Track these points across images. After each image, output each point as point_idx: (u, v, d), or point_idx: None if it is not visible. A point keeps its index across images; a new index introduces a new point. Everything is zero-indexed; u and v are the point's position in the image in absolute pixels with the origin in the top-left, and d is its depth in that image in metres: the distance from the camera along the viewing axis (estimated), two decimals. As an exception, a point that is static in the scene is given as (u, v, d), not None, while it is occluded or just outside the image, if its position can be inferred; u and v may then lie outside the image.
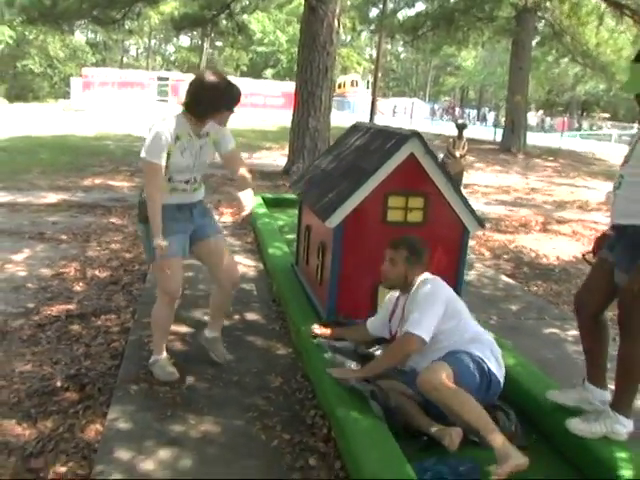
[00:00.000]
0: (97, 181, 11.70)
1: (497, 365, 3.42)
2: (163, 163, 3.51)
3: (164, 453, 3.08)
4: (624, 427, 3.11)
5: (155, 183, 3.50)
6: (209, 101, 3.54)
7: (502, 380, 3.43)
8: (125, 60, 66.32)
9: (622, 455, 2.95)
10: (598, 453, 3.01)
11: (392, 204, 4.16)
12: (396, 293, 3.76)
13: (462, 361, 3.28)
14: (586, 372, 3.39)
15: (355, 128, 5.50)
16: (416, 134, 4.10)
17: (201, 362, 4.07)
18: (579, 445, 3.11)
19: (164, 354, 3.92)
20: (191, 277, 5.90)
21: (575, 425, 3.16)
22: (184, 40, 68.30)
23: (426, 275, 3.60)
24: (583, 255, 3.57)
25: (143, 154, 3.49)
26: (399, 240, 3.65)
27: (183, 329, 4.64)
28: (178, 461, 3.03)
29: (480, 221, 4.31)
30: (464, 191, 14.54)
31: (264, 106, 41.35)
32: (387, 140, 4.34)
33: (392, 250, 3.61)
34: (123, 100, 36.57)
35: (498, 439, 2.90)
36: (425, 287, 3.47)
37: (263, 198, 9.13)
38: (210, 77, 3.57)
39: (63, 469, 2.98)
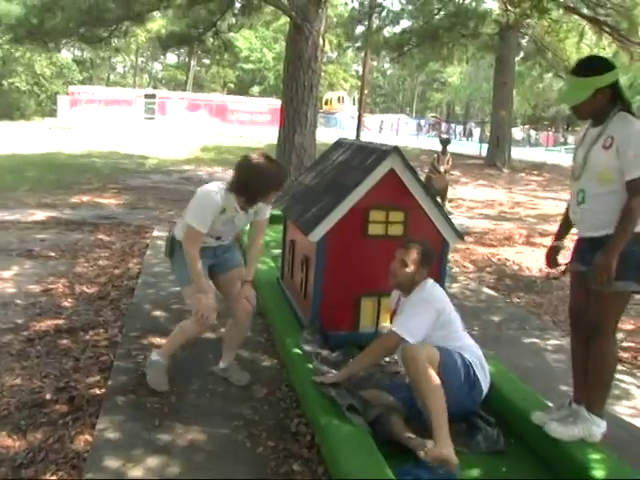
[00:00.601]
0: (84, 198, 11.79)
1: (483, 374, 3.56)
2: (206, 231, 3.73)
3: (152, 461, 3.17)
4: (599, 428, 3.21)
5: (196, 246, 3.74)
6: (260, 187, 3.71)
7: (485, 390, 3.57)
8: (112, 78, 66.52)
9: (596, 456, 3.06)
10: (574, 455, 3.13)
11: (373, 218, 4.28)
12: (397, 293, 3.90)
13: (451, 356, 3.43)
14: (574, 391, 3.45)
15: (338, 144, 5.63)
16: (396, 150, 4.23)
17: (188, 373, 4.16)
18: (555, 448, 3.22)
19: (167, 360, 3.98)
20: (178, 292, 5.99)
21: (554, 428, 3.23)
22: (171, 58, 68.65)
23: (429, 281, 3.70)
24: (547, 276, 3.69)
25: (191, 220, 3.69)
26: (411, 241, 3.76)
27: (170, 342, 4.72)
28: (166, 468, 3.12)
29: (459, 234, 4.44)
30: (449, 205, 14.75)
31: (251, 123, 41.58)
32: (368, 156, 4.47)
33: (404, 250, 3.69)
34: (110, 118, 36.65)
35: (443, 433, 3.06)
36: (423, 292, 3.61)
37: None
38: (260, 163, 3.72)
39: (53, 478, 3.06)
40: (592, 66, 3.19)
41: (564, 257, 3.67)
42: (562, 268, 3.65)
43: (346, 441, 3.01)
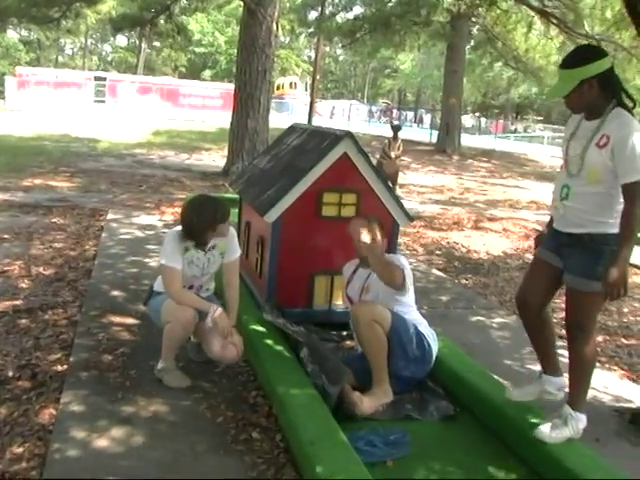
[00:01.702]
0: (37, 181, 11.68)
1: (435, 348, 3.90)
2: (180, 267, 3.80)
3: (117, 431, 3.30)
4: (582, 424, 3.23)
5: (177, 287, 3.80)
6: (200, 223, 3.79)
7: (432, 362, 3.90)
8: (60, 59, 65.11)
9: (534, 419, 3.31)
10: (515, 419, 3.38)
11: (327, 200, 4.45)
12: (353, 265, 4.19)
13: (405, 322, 3.75)
14: (540, 365, 3.50)
15: (292, 129, 5.78)
16: (349, 134, 4.40)
17: (148, 351, 4.28)
18: (499, 414, 3.46)
19: (171, 362, 3.96)
20: (136, 273, 6.12)
21: (546, 434, 3.16)
22: (121, 40, 67.55)
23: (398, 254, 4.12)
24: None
25: (163, 260, 3.79)
26: (366, 216, 4.01)
27: (129, 320, 4.86)
28: (131, 438, 3.25)
29: (409, 216, 4.64)
30: (399, 191, 14.94)
31: (203, 107, 41.26)
32: (322, 140, 4.63)
33: (367, 223, 3.86)
34: (60, 100, 35.95)
35: (383, 383, 3.62)
36: (394, 257, 3.97)
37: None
38: (193, 201, 3.89)
39: (20, 450, 3.14)
40: (577, 57, 3.09)
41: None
42: None
43: (302, 409, 3.19)
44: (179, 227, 3.89)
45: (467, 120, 45.77)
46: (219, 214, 3.82)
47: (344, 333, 4.52)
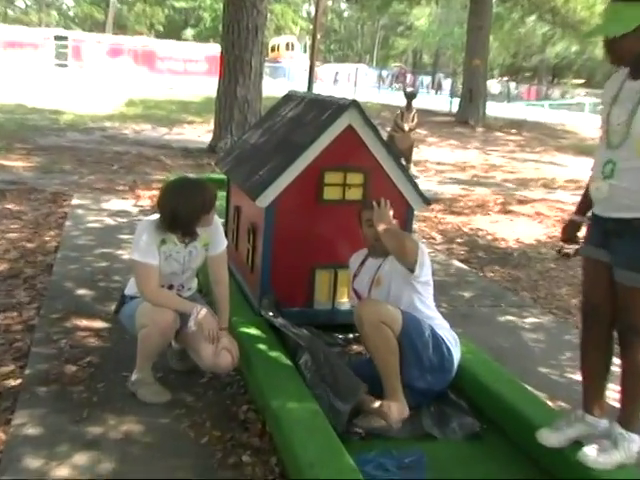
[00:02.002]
0: (-15, 161, 11.67)
1: (457, 346, 3.89)
2: (157, 263, 3.75)
3: (81, 457, 3.26)
4: (637, 446, 3.12)
5: (153, 286, 3.74)
6: (187, 212, 3.73)
7: (453, 370, 3.87)
8: (10, 14, 64.74)
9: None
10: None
11: (329, 181, 4.42)
12: (361, 255, 4.19)
13: (418, 323, 3.74)
14: (584, 401, 3.33)
15: (288, 98, 5.75)
16: (354, 104, 4.36)
17: (120, 360, 4.26)
18: (529, 433, 3.43)
19: (147, 372, 3.94)
20: (106, 267, 6.11)
21: (592, 458, 3.04)
22: (85, -9, 67.07)
23: None
24: (559, 251, 3.55)
25: (136, 255, 3.73)
26: (370, 200, 4.03)
27: (97, 324, 4.84)
28: (98, 465, 3.21)
29: (425, 198, 4.62)
30: (414, 169, 14.94)
31: (185, 73, 41.24)
32: (323, 111, 4.59)
33: (369, 211, 3.95)
34: (13, 63, 35.75)
35: (393, 385, 3.62)
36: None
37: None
38: (175, 185, 3.84)
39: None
40: None
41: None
42: (579, 247, 3.47)
43: (300, 426, 3.16)
44: (154, 216, 3.85)
45: (493, 85, 45.71)
46: (207, 201, 3.77)
47: (350, 336, 4.50)
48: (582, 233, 3.45)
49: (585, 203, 3.39)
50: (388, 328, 3.57)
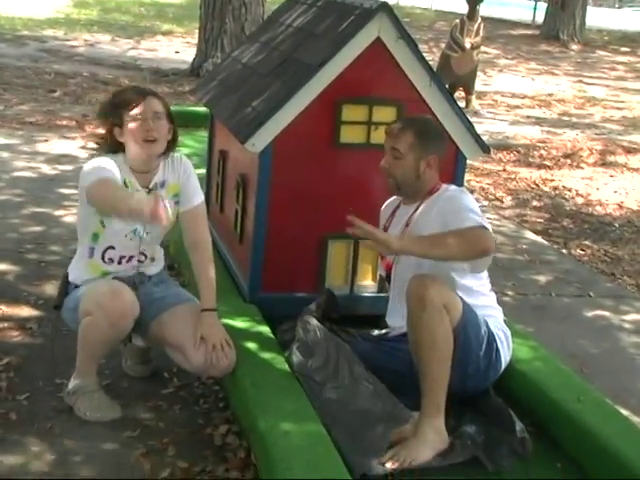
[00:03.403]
0: None
1: (507, 352, 3.96)
2: (115, 176, 3.78)
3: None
4: None
5: (108, 188, 3.72)
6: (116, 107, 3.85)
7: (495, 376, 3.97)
8: None
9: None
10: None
11: (348, 117, 4.43)
12: (394, 203, 4.22)
13: (476, 318, 3.78)
14: None
15: (295, 0, 5.73)
16: (385, 7, 4.33)
17: (51, 362, 4.32)
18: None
19: (94, 376, 3.98)
20: (40, 233, 6.19)
21: None
22: None
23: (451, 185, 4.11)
24: None
25: (91, 178, 3.73)
26: (397, 124, 4.03)
27: (24, 311, 4.91)
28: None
29: (483, 144, 4.62)
30: (476, 102, 14.95)
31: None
32: (341, 18, 4.59)
33: (391, 138, 3.96)
34: None
35: (436, 417, 3.58)
36: (462, 193, 4.01)
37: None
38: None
39: None
40: None
41: None
42: None
43: (298, 456, 3.18)
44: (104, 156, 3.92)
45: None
46: (126, 99, 3.86)
47: (374, 332, 4.50)
48: None
49: None
50: (449, 318, 3.59)
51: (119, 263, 3.97)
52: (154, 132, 3.78)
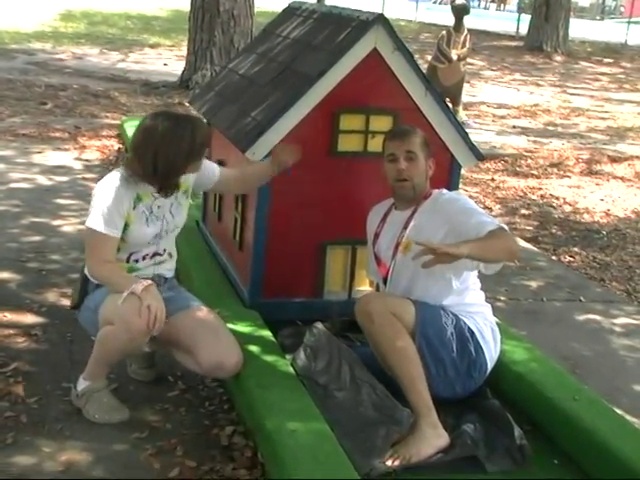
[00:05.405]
0: None
1: (493, 341, 4.08)
2: (119, 234, 3.86)
3: (4, 499, 3.39)
4: None
5: (100, 257, 3.85)
6: (174, 165, 3.86)
7: (492, 364, 4.08)
8: None
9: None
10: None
11: (346, 126, 4.51)
12: (383, 207, 4.32)
13: (435, 317, 3.92)
14: None
15: (291, 12, 5.80)
16: (381, 19, 4.42)
17: (59, 367, 4.38)
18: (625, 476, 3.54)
19: (104, 380, 4.04)
20: (39, 243, 6.24)
21: None
22: None
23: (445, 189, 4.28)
24: None
25: (94, 223, 3.80)
26: (403, 127, 4.22)
27: (28, 319, 4.96)
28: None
29: (477, 152, 4.71)
30: (463, 113, 14.99)
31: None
32: (338, 30, 4.67)
33: (403, 141, 4.07)
34: None
35: (428, 415, 3.71)
36: (459, 195, 4.22)
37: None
38: (156, 121, 3.89)
39: None
40: None
41: None
42: None
43: (305, 454, 3.28)
44: (122, 169, 3.96)
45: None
46: (199, 142, 3.89)
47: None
48: None
49: None
50: (400, 324, 3.75)
51: (143, 259, 4.06)
52: None
